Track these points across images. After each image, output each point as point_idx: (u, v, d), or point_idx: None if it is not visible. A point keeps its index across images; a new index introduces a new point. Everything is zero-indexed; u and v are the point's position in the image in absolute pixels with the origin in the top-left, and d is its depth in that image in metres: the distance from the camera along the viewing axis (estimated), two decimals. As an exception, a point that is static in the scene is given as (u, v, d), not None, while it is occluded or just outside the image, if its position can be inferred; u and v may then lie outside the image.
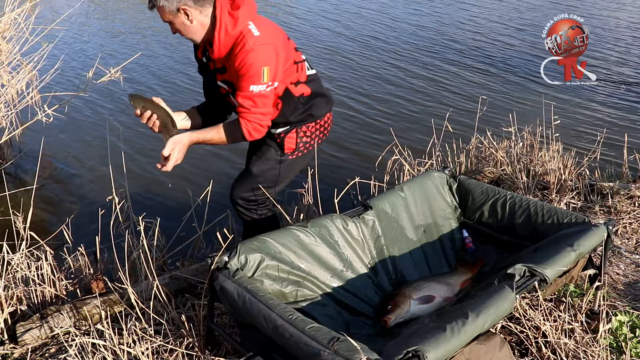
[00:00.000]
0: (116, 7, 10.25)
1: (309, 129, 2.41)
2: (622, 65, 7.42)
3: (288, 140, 2.37)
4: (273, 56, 2.09)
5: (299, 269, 2.04)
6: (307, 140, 2.42)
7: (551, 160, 3.47)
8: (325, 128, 2.51)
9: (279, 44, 2.14)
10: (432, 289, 2.11)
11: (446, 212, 2.54)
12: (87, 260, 2.58)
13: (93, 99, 5.76)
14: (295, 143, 2.38)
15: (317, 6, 10.28)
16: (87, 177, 4.45)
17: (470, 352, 1.59)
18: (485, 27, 9.11)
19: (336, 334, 1.48)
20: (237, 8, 2.09)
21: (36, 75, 4.26)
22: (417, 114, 5.74)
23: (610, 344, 2.09)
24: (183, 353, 1.94)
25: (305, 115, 2.37)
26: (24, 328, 2.15)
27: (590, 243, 2.05)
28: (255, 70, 2.06)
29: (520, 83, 6.69)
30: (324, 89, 2.48)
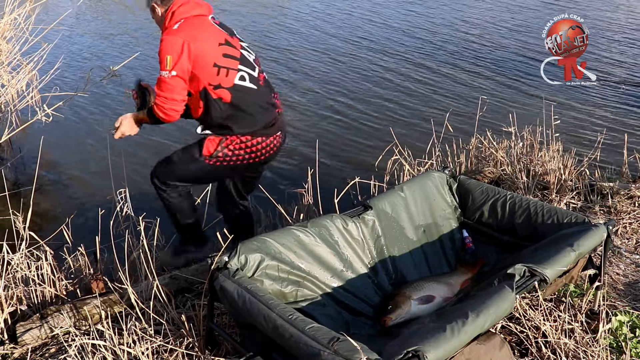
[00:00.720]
0: (116, 8, 10.25)
1: (232, 143, 2.45)
2: (622, 66, 7.41)
3: (208, 143, 2.45)
4: (179, 47, 2.26)
5: (299, 269, 2.04)
6: (228, 153, 2.45)
7: (551, 160, 3.47)
8: (254, 152, 2.47)
9: (193, 40, 2.28)
10: (432, 289, 2.11)
11: (446, 212, 2.54)
12: (87, 260, 2.58)
13: (93, 99, 5.75)
14: (214, 149, 2.44)
15: (319, 9, 10.28)
16: (87, 177, 4.45)
17: (470, 352, 1.59)
18: (486, 28, 9.11)
19: (336, 334, 1.48)
20: (179, 7, 2.37)
21: (36, 75, 4.26)
22: (417, 114, 5.74)
23: (610, 344, 2.09)
24: (183, 353, 1.94)
25: (225, 124, 2.42)
26: (24, 328, 2.15)
27: (590, 243, 2.06)
28: (161, 57, 2.29)
29: (520, 83, 6.69)
30: (253, 109, 2.43)
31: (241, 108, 2.40)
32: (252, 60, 2.46)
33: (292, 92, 6.30)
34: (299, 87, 6.47)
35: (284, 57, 7.42)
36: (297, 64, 7.18)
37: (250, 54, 2.47)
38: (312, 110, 5.84)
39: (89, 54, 7.32)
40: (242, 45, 2.45)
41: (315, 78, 6.74)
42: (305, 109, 5.85)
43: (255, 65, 2.47)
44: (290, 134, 5.26)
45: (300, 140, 5.16)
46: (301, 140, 5.16)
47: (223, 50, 2.35)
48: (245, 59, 2.42)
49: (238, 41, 2.45)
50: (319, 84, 6.54)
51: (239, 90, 2.38)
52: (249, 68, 2.41)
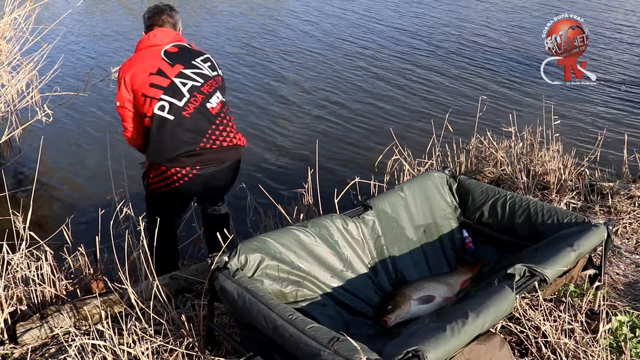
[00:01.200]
0: (116, 8, 10.24)
1: (155, 171, 2.48)
2: (622, 65, 7.41)
3: (145, 170, 2.57)
4: (120, 79, 2.42)
5: (299, 269, 2.04)
6: (152, 182, 2.50)
7: (551, 160, 3.47)
8: (168, 183, 2.46)
9: (127, 72, 2.40)
10: (432, 289, 2.11)
11: (446, 212, 2.54)
12: (87, 260, 2.58)
13: (93, 99, 5.75)
14: (147, 177, 2.55)
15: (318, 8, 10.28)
16: (87, 177, 4.45)
17: (470, 352, 1.59)
18: (486, 28, 9.10)
19: (336, 334, 1.48)
20: (143, 38, 2.50)
21: (36, 75, 4.26)
22: (417, 114, 5.74)
23: (610, 344, 2.09)
24: (183, 353, 1.94)
25: (148, 153, 2.49)
26: (24, 328, 2.15)
27: (590, 243, 2.06)
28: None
29: (520, 83, 6.69)
30: (167, 139, 2.38)
31: (158, 137, 2.39)
32: (185, 89, 2.37)
33: (292, 93, 6.30)
34: (298, 87, 6.47)
35: (284, 57, 7.42)
36: (297, 65, 7.18)
37: (194, 82, 2.39)
38: (312, 110, 5.84)
39: (89, 55, 7.32)
40: (184, 74, 2.39)
41: (315, 78, 6.73)
42: (305, 109, 5.85)
43: (186, 95, 2.37)
44: (291, 134, 5.27)
45: (300, 140, 5.17)
46: (301, 140, 5.16)
47: (151, 79, 2.37)
48: (175, 88, 2.36)
49: (180, 69, 2.39)
50: (318, 84, 6.54)
51: (157, 120, 2.37)
52: (174, 98, 2.35)
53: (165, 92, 2.35)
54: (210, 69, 2.50)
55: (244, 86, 6.43)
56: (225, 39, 8.19)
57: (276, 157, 4.82)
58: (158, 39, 2.43)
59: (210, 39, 8.18)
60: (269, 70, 6.94)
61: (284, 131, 5.34)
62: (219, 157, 2.47)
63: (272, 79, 6.69)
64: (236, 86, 6.42)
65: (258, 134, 5.24)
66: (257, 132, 5.28)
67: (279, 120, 5.57)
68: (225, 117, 2.48)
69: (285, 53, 7.59)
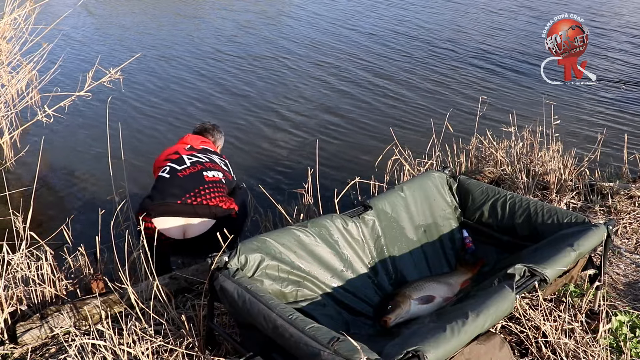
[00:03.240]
0: (116, 8, 10.25)
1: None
2: (622, 65, 7.41)
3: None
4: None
5: (299, 269, 2.04)
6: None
7: (551, 160, 3.47)
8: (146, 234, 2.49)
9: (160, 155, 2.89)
10: (432, 289, 2.11)
11: (446, 212, 2.54)
12: (87, 260, 2.58)
13: (93, 99, 5.74)
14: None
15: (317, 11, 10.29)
16: (87, 177, 4.45)
17: (470, 352, 1.59)
18: (486, 28, 9.11)
19: (336, 334, 1.48)
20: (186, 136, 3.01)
21: (36, 75, 4.26)
22: (417, 114, 5.74)
23: (610, 344, 2.09)
24: (183, 353, 1.94)
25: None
26: (24, 328, 2.15)
27: (590, 243, 2.06)
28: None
29: (520, 83, 6.69)
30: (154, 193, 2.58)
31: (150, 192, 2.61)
32: (189, 161, 2.69)
33: (292, 93, 6.30)
34: (298, 87, 6.47)
35: (284, 58, 7.43)
36: (297, 65, 7.18)
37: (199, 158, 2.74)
38: (312, 110, 5.84)
39: (89, 55, 7.32)
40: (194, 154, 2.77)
41: (315, 79, 6.74)
42: (305, 110, 5.85)
43: (187, 164, 2.67)
44: (291, 134, 5.27)
45: (301, 140, 5.17)
46: (301, 140, 5.16)
47: (168, 157, 2.78)
48: (180, 160, 2.70)
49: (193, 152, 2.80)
50: (318, 85, 6.54)
51: (157, 180, 2.66)
52: (176, 164, 2.67)
53: (171, 161, 2.70)
54: (222, 164, 2.85)
55: (244, 87, 6.43)
56: (224, 41, 8.19)
57: (276, 158, 4.82)
58: (189, 139, 2.93)
59: (211, 38, 8.18)
60: (268, 71, 6.94)
61: (283, 131, 5.34)
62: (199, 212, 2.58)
63: (272, 79, 6.69)
64: (236, 87, 6.42)
65: (258, 134, 5.24)
66: (257, 132, 5.28)
67: (278, 120, 5.57)
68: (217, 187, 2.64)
69: (285, 53, 7.59)
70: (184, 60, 7.22)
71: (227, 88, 6.39)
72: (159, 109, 5.78)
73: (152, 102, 5.92)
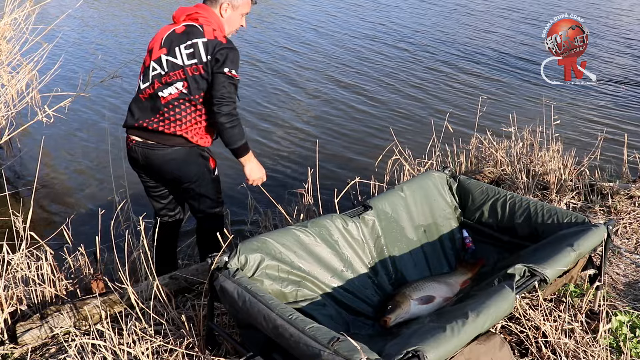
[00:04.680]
0: (116, 8, 10.25)
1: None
2: (622, 65, 7.42)
3: None
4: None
5: (299, 269, 2.04)
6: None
7: (551, 160, 3.47)
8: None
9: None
10: (432, 289, 2.11)
11: (446, 212, 2.54)
12: (87, 260, 2.58)
13: (93, 99, 5.76)
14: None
15: (318, 10, 10.28)
16: (87, 177, 4.45)
17: (470, 352, 1.59)
18: (485, 28, 9.11)
19: (336, 334, 1.48)
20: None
21: (36, 76, 4.26)
22: (417, 115, 5.75)
23: (610, 344, 2.09)
24: (183, 353, 1.94)
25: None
26: (24, 328, 2.15)
27: (590, 243, 2.06)
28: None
29: (520, 83, 6.69)
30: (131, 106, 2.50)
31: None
32: (151, 75, 2.42)
33: (292, 93, 6.30)
34: (298, 87, 6.47)
35: (284, 58, 7.43)
36: (297, 66, 7.18)
37: (161, 70, 2.40)
38: (312, 110, 5.84)
39: (89, 55, 7.32)
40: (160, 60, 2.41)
41: (315, 79, 6.74)
42: (305, 110, 5.85)
43: (149, 81, 2.42)
44: (291, 134, 5.27)
45: (301, 140, 5.17)
46: (301, 140, 5.16)
47: (144, 63, 2.51)
48: (145, 73, 2.46)
49: (161, 54, 2.41)
50: (318, 85, 6.54)
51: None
52: (141, 80, 2.48)
53: (141, 74, 2.50)
54: (188, 56, 2.35)
55: (245, 87, 6.43)
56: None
57: (276, 157, 4.82)
58: (176, 15, 2.49)
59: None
60: (269, 71, 6.94)
61: (284, 131, 5.34)
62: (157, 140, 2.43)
63: (272, 79, 6.69)
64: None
65: (258, 133, 5.24)
66: (257, 132, 5.28)
67: (278, 120, 5.57)
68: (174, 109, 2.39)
69: (284, 53, 7.59)
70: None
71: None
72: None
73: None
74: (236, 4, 2.44)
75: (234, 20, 2.48)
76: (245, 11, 2.50)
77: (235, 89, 2.37)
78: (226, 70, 2.32)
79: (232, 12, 2.46)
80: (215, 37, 2.36)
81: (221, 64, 2.32)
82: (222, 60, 2.33)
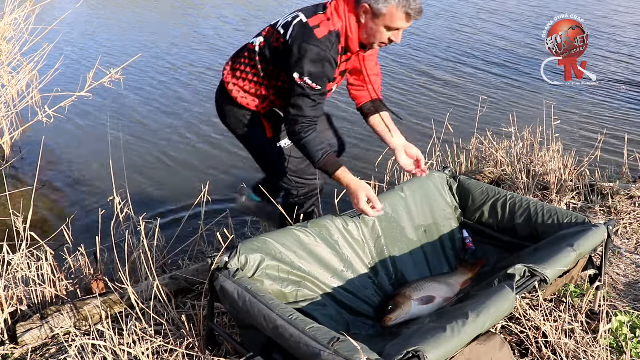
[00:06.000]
0: (116, 8, 10.25)
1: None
2: (622, 65, 7.42)
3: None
4: None
5: (299, 269, 2.04)
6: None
7: (551, 160, 3.47)
8: None
9: None
10: (432, 289, 2.11)
11: (446, 212, 2.54)
12: (87, 260, 2.58)
13: (93, 100, 5.74)
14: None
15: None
16: (87, 177, 4.45)
17: (470, 352, 1.59)
18: (485, 28, 9.11)
19: (336, 334, 1.48)
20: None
21: (36, 75, 4.26)
22: (417, 114, 5.74)
23: (610, 344, 2.09)
24: (183, 353, 1.94)
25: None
26: (24, 328, 2.15)
27: (590, 243, 2.06)
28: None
29: (520, 83, 6.69)
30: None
31: None
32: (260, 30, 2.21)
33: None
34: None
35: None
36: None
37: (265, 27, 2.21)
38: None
39: (89, 55, 7.32)
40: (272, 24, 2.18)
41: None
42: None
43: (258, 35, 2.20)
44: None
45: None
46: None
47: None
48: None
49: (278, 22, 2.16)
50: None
51: None
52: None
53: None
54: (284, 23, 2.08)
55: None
56: (226, 39, 8.20)
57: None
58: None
59: (213, 37, 8.19)
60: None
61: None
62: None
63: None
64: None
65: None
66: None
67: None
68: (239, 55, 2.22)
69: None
70: (185, 60, 7.22)
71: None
72: (160, 108, 5.78)
73: (152, 102, 5.92)
74: (378, 12, 1.91)
75: (375, 31, 1.98)
76: (393, 25, 1.94)
77: (309, 100, 1.98)
78: (296, 75, 1.96)
79: (370, 21, 1.95)
80: (317, 24, 1.93)
81: (294, 62, 1.95)
82: (296, 59, 1.94)
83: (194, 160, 4.69)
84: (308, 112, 2.00)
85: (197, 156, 4.75)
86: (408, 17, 1.92)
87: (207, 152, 4.81)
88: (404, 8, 1.89)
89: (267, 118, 2.28)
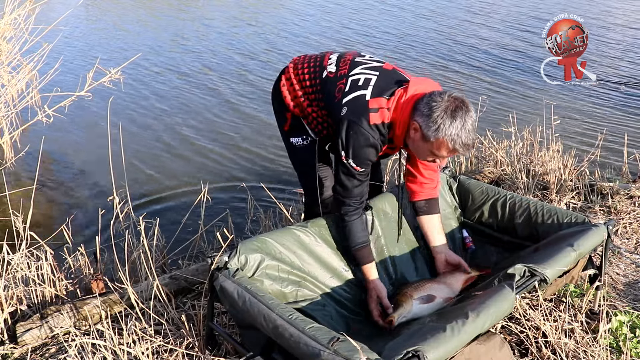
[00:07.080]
0: (116, 8, 10.25)
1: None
2: (622, 66, 7.42)
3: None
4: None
5: (299, 269, 2.04)
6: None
7: (551, 160, 3.47)
8: None
9: None
10: (432, 289, 2.11)
11: (446, 212, 2.54)
12: (87, 260, 2.58)
13: (93, 100, 5.74)
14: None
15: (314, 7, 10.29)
16: (87, 177, 4.45)
17: (470, 352, 1.59)
18: (485, 27, 9.11)
19: (336, 334, 1.48)
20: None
21: (36, 75, 4.26)
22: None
23: (610, 344, 2.09)
24: (183, 353, 1.94)
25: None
26: (24, 328, 2.15)
27: (590, 243, 2.05)
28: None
29: (520, 83, 6.69)
30: None
31: None
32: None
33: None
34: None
35: (284, 58, 7.43)
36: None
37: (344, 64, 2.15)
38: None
39: (89, 55, 7.32)
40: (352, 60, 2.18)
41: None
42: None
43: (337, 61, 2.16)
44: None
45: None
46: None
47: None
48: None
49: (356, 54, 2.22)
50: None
51: None
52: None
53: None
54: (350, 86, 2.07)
55: (246, 86, 6.44)
56: (227, 39, 8.20)
57: (277, 157, 4.82)
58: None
59: (214, 37, 8.19)
60: (269, 70, 6.94)
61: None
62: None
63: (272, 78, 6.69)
64: (238, 86, 6.42)
65: (258, 133, 5.24)
66: (257, 131, 5.28)
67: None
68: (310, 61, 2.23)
69: (287, 51, 7.59)
70: (186, 59, 7.22)
71: (229, 87, 6.39)
72: (160, 108, 5.78)
73: (153, 102, 5.92)
74: (427, 135, 1.87)
75: (419, 149, 1.96)
76: (437, 153, 1.91)
77: (355, 180, 2.00)
78: (342, 153, 1.95)
79: (418, 140, 1.92)
80: (375, 108, 1.92)
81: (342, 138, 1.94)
82: (345, 136, 1.93)
83: (195, 160, 4.69)
84: (354, 192, 2.04)
85: (197, 156, 4.76)
86: (455, 150, 1.90)
87: (207, 152, 4.81)
88: (452, 143, 1.86)
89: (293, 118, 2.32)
